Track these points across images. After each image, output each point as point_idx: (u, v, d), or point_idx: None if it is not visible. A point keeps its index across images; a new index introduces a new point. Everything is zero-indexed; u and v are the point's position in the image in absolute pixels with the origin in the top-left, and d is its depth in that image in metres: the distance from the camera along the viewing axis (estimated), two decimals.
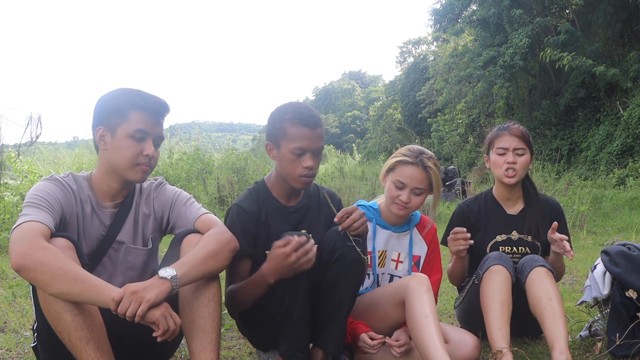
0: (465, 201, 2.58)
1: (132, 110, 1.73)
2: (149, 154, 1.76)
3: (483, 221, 2.46)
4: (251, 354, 2.39)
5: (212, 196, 7.91)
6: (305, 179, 1.96)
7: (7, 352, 2.34)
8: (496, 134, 2.42)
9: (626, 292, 2.07)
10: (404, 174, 2.12)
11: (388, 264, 2.30)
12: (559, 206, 2.51)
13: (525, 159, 2.36)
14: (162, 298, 1.53)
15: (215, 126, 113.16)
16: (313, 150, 1.94)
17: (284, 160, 1.95)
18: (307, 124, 1.91)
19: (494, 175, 2.44)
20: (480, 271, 2.20)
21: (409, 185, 2.11)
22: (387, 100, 33.02)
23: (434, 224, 2.40)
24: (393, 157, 2.20)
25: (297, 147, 1.91)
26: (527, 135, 2.40)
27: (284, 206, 2.06)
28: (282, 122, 1.93)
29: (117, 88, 1.82)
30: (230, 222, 1.99)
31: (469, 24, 17.46)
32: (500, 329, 2.04)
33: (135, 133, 1.73)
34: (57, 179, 1.76)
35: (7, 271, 3.76)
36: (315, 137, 1.93)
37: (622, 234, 5.87)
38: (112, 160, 1.77)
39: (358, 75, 55.60)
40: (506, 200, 2.47)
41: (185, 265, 1.62)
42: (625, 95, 13.10)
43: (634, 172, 10.85)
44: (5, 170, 6.73)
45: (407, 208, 2.14)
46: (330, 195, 2.12)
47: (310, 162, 1.93)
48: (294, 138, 1.91)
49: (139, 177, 1.79)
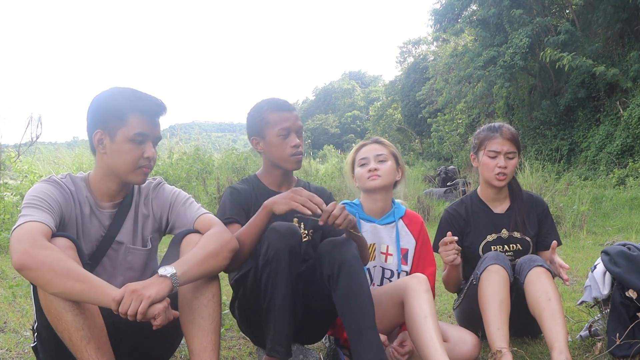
0: (451, 205, 2.58)
1: (130, 113, 1.72)
2: (150, 156, 1.76)
3: (472, 223, 2.47)
4: (251, 354, 2.39)
5: (212, 196, 7.90)
6: (296, 157, 2.11)
7: (7, 352, 2.34)
8: (487, 135, 2.40)
9: (626, 292, 2.07)
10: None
11: (378, 256, 2.33)
12: (544, 202, 2.56)
13: (515, 162, 2.38)
14: (163, 296, 1.53)
15: (215, 126, 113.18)
16: (296, 130, 2.11)
17: (272, 146, 2.10)
18: (284, 108, 2.12)
19: (482, 177, 2.45)
20: (477, 271, 2.21)
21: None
22: (387, 100, 33.07)
23: (420, 217, 2.43)
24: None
25: (281, 128, 2.08)
26: (517, 138, 2.41)
27: (273, 192, 2.11)
28: (262, 114, 2.11)
29: (111, 88, 1.79)
30: (222, 201, 2.09)
31: (469, 24, 17.48)
32: (499, 328, 2.04)
33: (135, 137, 1.72)
34: (55, 180, 1.76)
35: (7, 271, 3.76)
36: (294, 118, 2.12)
37: (622, 234, 5.87)
38: (113, 164, 1.76)
39: (358, 75, 55.65)
40: (492, 200, 2.49)
41: (185, 264, 1.62)
42: (625, 95, 13.11)
43: (634, 172, 10.87)
44: (5, 170, 6.74)
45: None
46: (319, 191, 2.23)
47: (296, 140, 2.10)
48: (277, 122, 2.09)
49: (140, 180, 1.79)
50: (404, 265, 2.33)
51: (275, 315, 1.79)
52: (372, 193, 2.31)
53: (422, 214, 7.43)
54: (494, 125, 2.44)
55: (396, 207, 2.38)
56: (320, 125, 42.09)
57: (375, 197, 2.32)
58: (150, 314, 1.49)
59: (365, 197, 2.36)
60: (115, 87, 1.80)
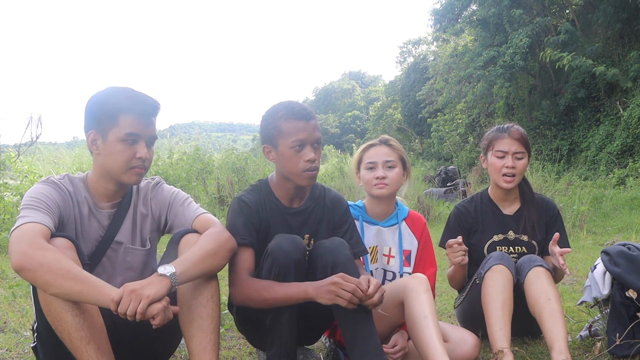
0: (461, 202, 2.57)
1: (122, 114, 1.69)
2: (142, 157, 1.73)
3: (480, 222, 2.46)
4: (251, 354, 2.39)
5: (212, 196, 7.90)
6: (310, 173, 1.90)
7: (7, 352, 2.34)
8: (496, 135, 2.40)
9: (626, 292, 2.07)
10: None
11: (380, 259, 2.32)
12: (555, 206, 2.51)
13: (524, 162, 2.35)
14: (162, 295, 1.53)
15: (215, 126, 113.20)
16: (312, 142, 1.90)
17: (284, 158, 1.90)
18: (300, 117, 1.88)
19: (491, 177, 2.44)
20: (482, 271, 2.20)
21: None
22: (387, 100, 33.03)
23: (422, 218, 2.42)
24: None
25: (295, 140, 1.87)
26: (526, 138, 2.39)
27: (285, 207, 2.02)
28: (276, 121, 1.90)
29: (106, 88, 1.78)
30: (232, 214, 1.94)
31: (469, 24, 17.47)
32: (502, 329, 2.04)
33: (126, 137, 1.70)
34: (54, 181, 1.76)
35: (7, 271, 3.76)
36: (312, 128, 1.90)
37: (622, 234, 5.87)
38: (106, 164, 1.75)
39: (358, 75, 55.57)
40: (502, 200, 2.48)
41: (184, 263, 1.62)
42: (625, 95, 13.11)
43: (634, 172, 10.86)
44: (5, 170, 6.74)
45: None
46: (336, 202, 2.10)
47: (311, 154, 1.89)
48: (291, 133, 1.87)
49: (133, 180, 1.78)
50: (406, 267, 2.32)
51: (282, 332, 1.79)
52: (378, 199, 2.31)
53: (422, 214, 7.41)
54: (502, 125, 2.43)
55: (399, 208, 2.37)
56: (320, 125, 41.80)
57: (379, 202, 2.31)
58: (149, 314, 1.48)
59: (369, 200, 2.35)
60: (110, 87, 1.79)
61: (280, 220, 2.00)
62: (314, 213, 2.05)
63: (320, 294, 1.71)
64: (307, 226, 2.03)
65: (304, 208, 2.04)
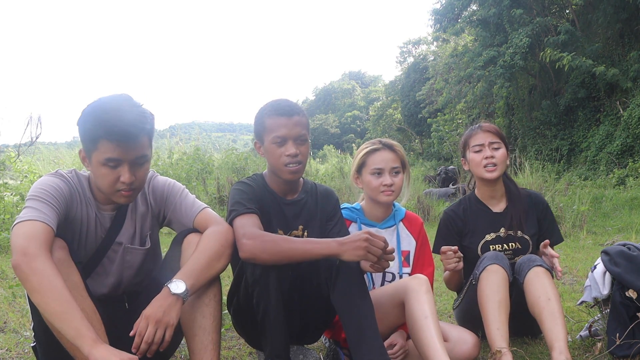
0: (450, 207, 2.59)
1: (100, 139, 1.62)
2: (125, 181, 1.67)
3: (470, 223, 2.47)
4: (251, 354, 2.39)
5: (212, 196, 7.91)
6: (291, 167, 1.96)
7: (7, 352, 2.34)
8: (469, 134, 2.46)
9: (626, 292, 2.07)
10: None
11: None
12: (543, 199, 2.55)
13: (503, 152, 2.39)
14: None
15: (215, 126, 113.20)
16: (293, 138, 1.95)
17: (269, 153, 1.99)
18: (282, 113, 1.96)
19: (475, 175, 2.46)
20: (477, 271, 2.21)
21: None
22: (387, 100, 33.05)
23: (419, 218, 2.43)
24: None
25: (275, 136, 1.95)
26: (499, 130, 2.44)
27: (280, 197, 2.07)
28: (262, 117, 2.00)
29: (98, 99, 1.70)
30: (235, 192, 1.97)
31: (469, 24, 17.47)
32: (499, 328, 2.04)
33: (106, 162, 1.64)
34: (63, 174, 1.74)
35: (7, 271, 3.76)
36: (293, 124, 1.95)
37: (622, 234, 5.86)
38: (96, 183, 1.74)
39: (358, 75, 55.61)
40: (490, 199, 2.49)
41: (192, 275, 1.64)
42: (625, 95, 13.11)
43: (634, 172, 10.86)
44: (5, 170, 6.74)
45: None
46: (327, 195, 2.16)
47: (292, 149, 1.95)
48: (273, 128, 1.96)
49: (122, 201, 1.75)
50: (405, 267, 2.33)
51: (270, 331, 1.78)
52: (380, 203, 2.30)
53: (422, 214, 7.43)
54: (473, 125, 2.51)
55: (396, 209, 2.38)
56: (320, 125, 42.04)
57: (380, 205, 2.31)
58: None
59: (369, 203, 2.34)
60: (102, 99, 1.70)
61: (277, 209, 2.04)
62: (308, 205, 2.11)
63: (347, 250, 1.70)
64: (301, 217, 2.08)
65: (298, 199, 2.10)
